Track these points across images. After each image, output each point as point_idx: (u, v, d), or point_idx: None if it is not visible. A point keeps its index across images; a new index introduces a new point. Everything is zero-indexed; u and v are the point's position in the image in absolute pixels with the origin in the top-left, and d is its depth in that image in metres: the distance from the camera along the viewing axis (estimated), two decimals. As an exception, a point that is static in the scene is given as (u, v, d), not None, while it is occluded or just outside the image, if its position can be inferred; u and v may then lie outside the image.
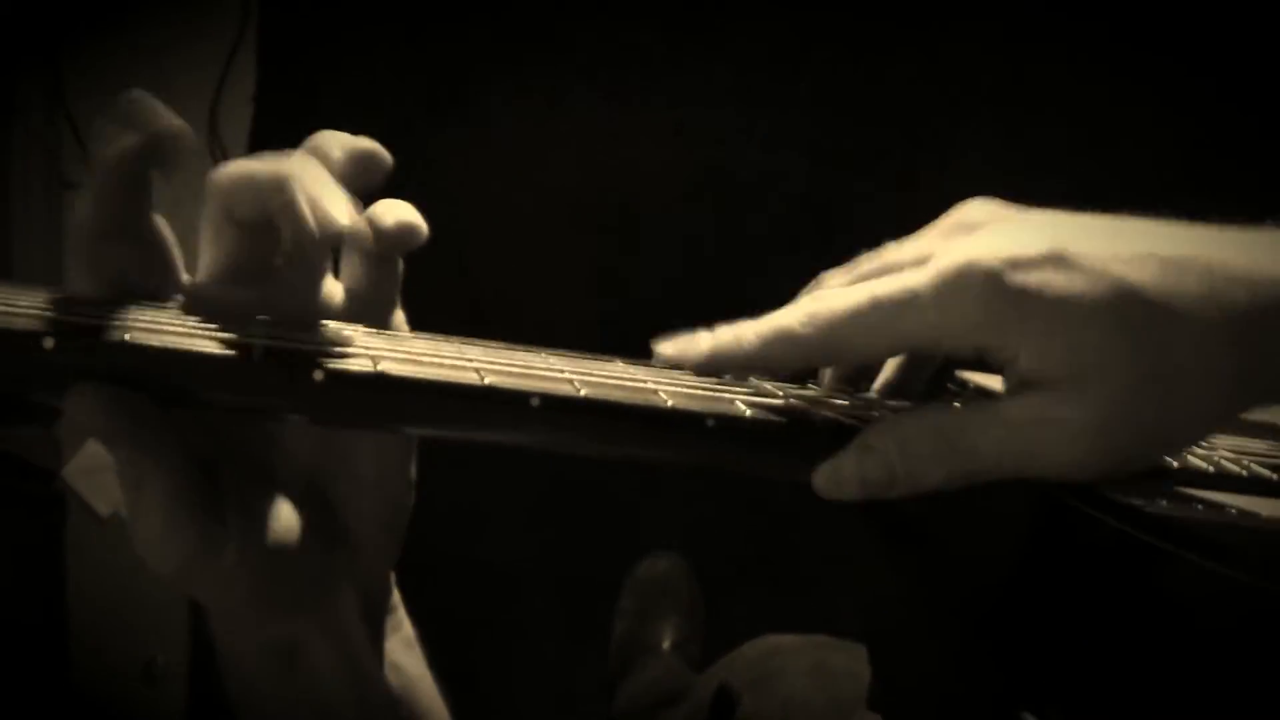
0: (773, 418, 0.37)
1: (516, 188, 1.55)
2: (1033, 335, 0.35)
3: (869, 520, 0.40)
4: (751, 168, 1.56)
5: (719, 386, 0.39)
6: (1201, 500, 0.37)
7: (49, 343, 0.31)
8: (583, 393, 0.35)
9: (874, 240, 0.44)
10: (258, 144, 1.47)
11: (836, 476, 0.37)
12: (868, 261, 0.41)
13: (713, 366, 0.39)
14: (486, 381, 0.34)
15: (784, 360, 0.38)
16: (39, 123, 1.49)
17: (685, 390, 0.37)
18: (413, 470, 0.43)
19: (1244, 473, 0.40)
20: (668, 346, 0.40)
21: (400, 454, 0.42)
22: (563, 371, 0.36)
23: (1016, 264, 0.35)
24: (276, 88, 1.57)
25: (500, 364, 0.36)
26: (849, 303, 0.37)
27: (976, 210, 0.40)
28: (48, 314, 0.32)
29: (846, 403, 0.41)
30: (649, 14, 1.58)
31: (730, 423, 0.37)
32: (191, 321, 0.34)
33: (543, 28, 1.58)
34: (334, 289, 0.40)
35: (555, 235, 1.55)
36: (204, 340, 0.33)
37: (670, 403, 0.36)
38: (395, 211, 0.38)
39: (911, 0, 1.57)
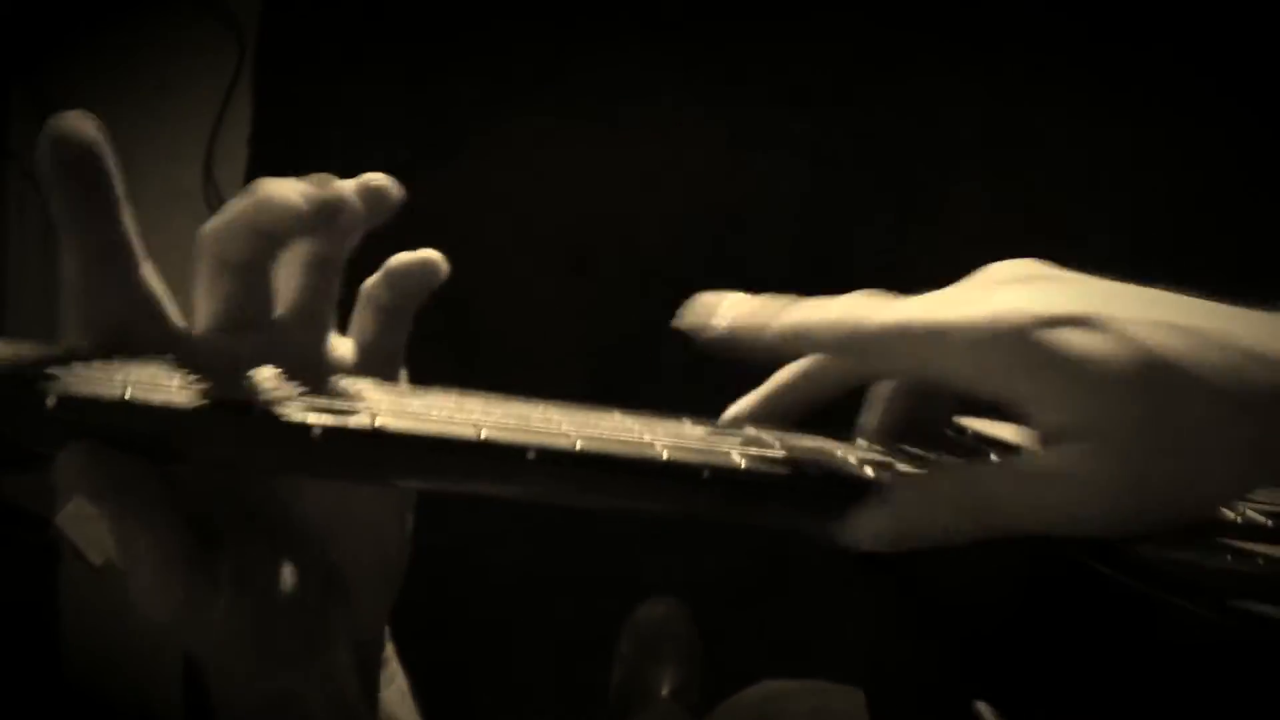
0: (769, 469, 0.37)
1: (509, 230, 1.55)
2: (1057, 392, 0.35)
3: (865, 568, 0.40)
4: (744, 212, 1.57)
5: (717, 437, 0.40)
6: (1230, 549, 0.37)
7: (51, 401, 0.31)
8: (579, 445, 0.35)
9: (876, 272, 0.44)
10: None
11: (859, 528, 0.37)
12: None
13: (726, 345, 0.39)
14: (483, 435, 0.34)
15: (798, 353, 0.40)
16: (33, 166, 1.50)
17: (683, 442, 0.37)
18: (410, 523, 0.43)
19: (1269, 523, 0.40)
20: (689, 315, 0.41)
21: (397, 506, 0.42)
22: (560, 424, 0.37)
23: (1046, 321, 0.35)
24: (272, 132, 1.58)
25: (497, 417, 0.36)
26: (879, 319, 0.37)
27: (1012, 268, 0.40)
28: (47, 370, 0.32)
29: (847, 454, 0.41)
30: (643, 58, 1.59)
31: (726, 474, 0.37)
32: (190, 376, 0.34)
33: (535, 72, 1.59)
34: (341, 344, 0.40)
35: (548, 278, 1.55)
36: (201, 396, 0.33)
37: (666, 455, 0.36)
38: (413, 254, 0.40)
39: (902, 51, 1.58)
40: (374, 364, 0.40)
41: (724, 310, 0.40)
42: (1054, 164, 1.54)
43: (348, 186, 0.37)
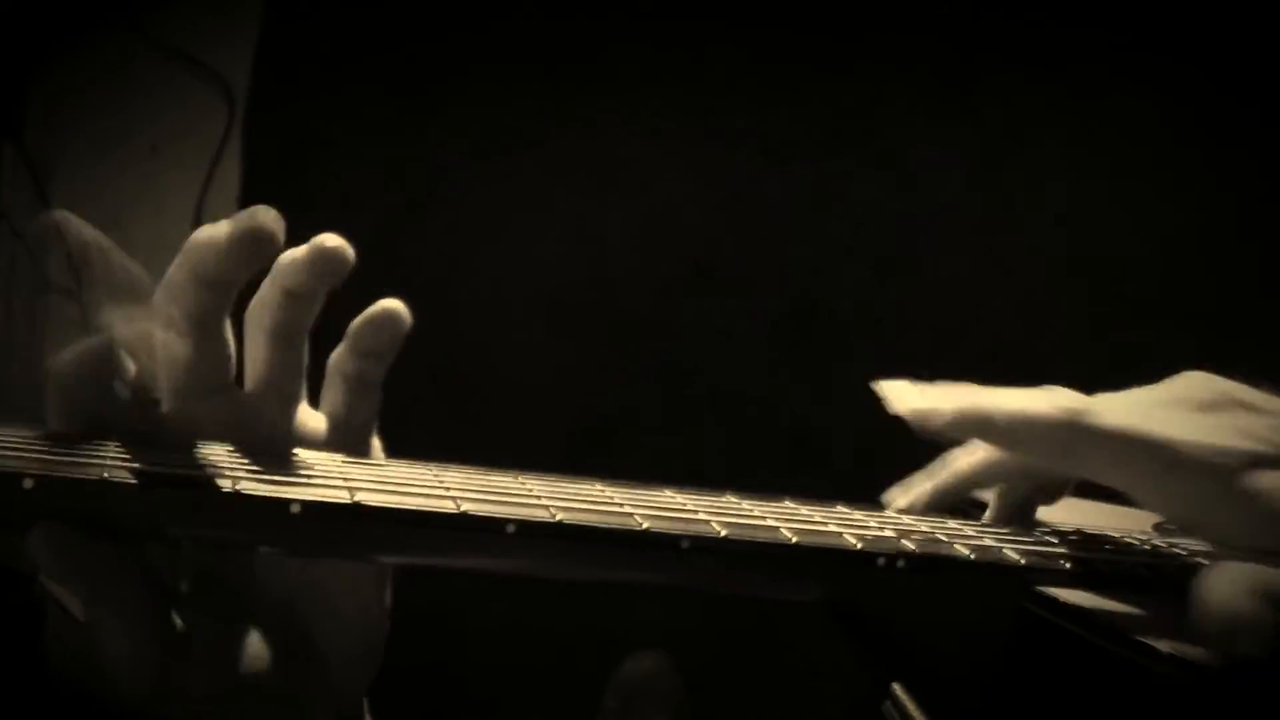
0: (749, 537, 0.38)
1: (493, 286, 1.56)
2: (1241, 531, 0.38)
3: (847, 634, 0.40)
4: (723, 268, 1.58)
5: (698, 507, 0.40)
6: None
7: (29, 484, 0.31)
8: (558, 518, 0.35)
9: (855, 330, 0.45)
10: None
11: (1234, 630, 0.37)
12: None
13: (954, 429, 0.41)
14: (462, 509, 0.34)
15: (1019, 443, 0.41)
16: (23, 226, 1.50)
17: (662, 513, 0.37)
18: (388, 596, 0.42)
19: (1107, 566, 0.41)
20: (910, 404, 0.42)
21: (376, 578, 0.42)
22: (539, 497, 0.37)
23: (1262, 461, 0.38)
24: (261, 190, 1.58)
25: (476, 490, 0.36)
26: (1106, 424, 0.39)
27: (1205, 385, 0.42)
28: (27, 453, 0.32)
29: (865, 525, 0.41)
30: (632, 112, 1.61)
31: (705, 543, 0.37)
32: (167, 453, 0.34)
33: (519, 131, 1.61)
34: (312, 417, 0.40)
35: (535, 335, 1.55)
36: (180, 474, 0.33)
37: (645, 525, 0.36)
38: (371, 309, 0.40)
39: (881, 108, 1.60)
40: (346, 437, 0.40)
41: (943, 400, 0.41)
42: (1034, 221, 1.55)
43: (272, 224, 0.38)
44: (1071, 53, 1.58)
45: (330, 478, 0.35)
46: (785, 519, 0.40)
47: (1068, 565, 0.39)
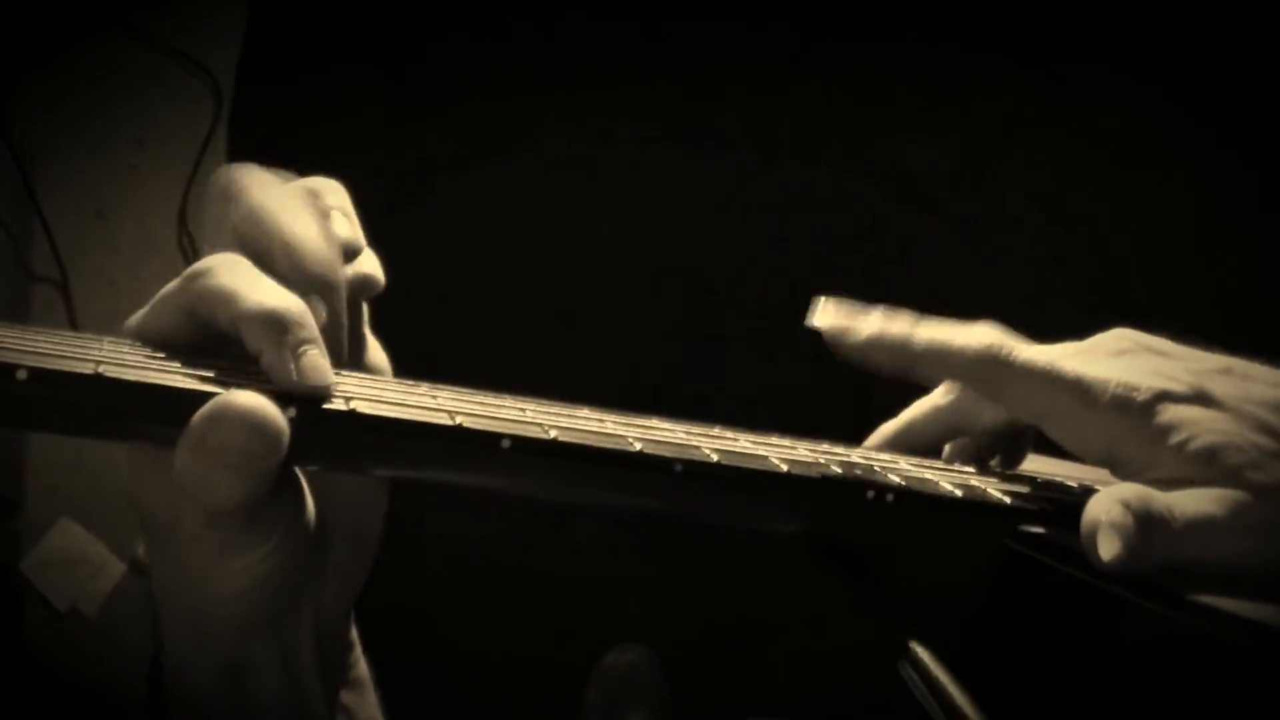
0: (741, 464, 0.38)
1: (481, 279, 1.56)
2: (1168, 462, 0.39)
3: (828, 561, 0.40)
4: (713, 268, 1.58)
5: (691, 435, 0.39)
6: None
7: (22, 374, 0.31)
8: (553, 435, 0.35)
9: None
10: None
11: (1111, 556, 0.38)
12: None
13: (870, 349, 0.42)
14: (458, 422, 0.34)
15: (937, 370, 0.42)
16: (9, 217, 1.50)
17: (654, 437, 0.38)
18: (385, 503, 0.43)
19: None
20: (826, 317, 0.43)
21: (373, 497, 0.42)
22: (534, 417, 0.37)
23: (1171, 397, 0.39)
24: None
25: (471, 407, 0.36)
26: (1029, 358, 0.41)
27: (1120, 340, 0.43)
28: (24, 346, 0.32)
29: (864, 460, 0.42)
30: (622, 111, 1.61)
31: (697, 468, 0.37)
32: (165, 360, 0.34)
33: (508, 124, 1.61)
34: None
35: (523, 333, 1.55)
36: (179, 377, 0.33)
37: (639, 447, 0.36)
38: (360, 264, 0.41)
39: (878, 99, 1.60)
40: (336, 349, 0.39)
41: (867, 320, 0.42)
42: (1024, 219, 1.56)
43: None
44: (1061, 51, 1.58)
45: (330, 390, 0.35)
46: (776, 450, 0.40)
47: (1048, 506, 0.40)
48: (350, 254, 0.39)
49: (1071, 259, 1.53)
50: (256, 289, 0.35)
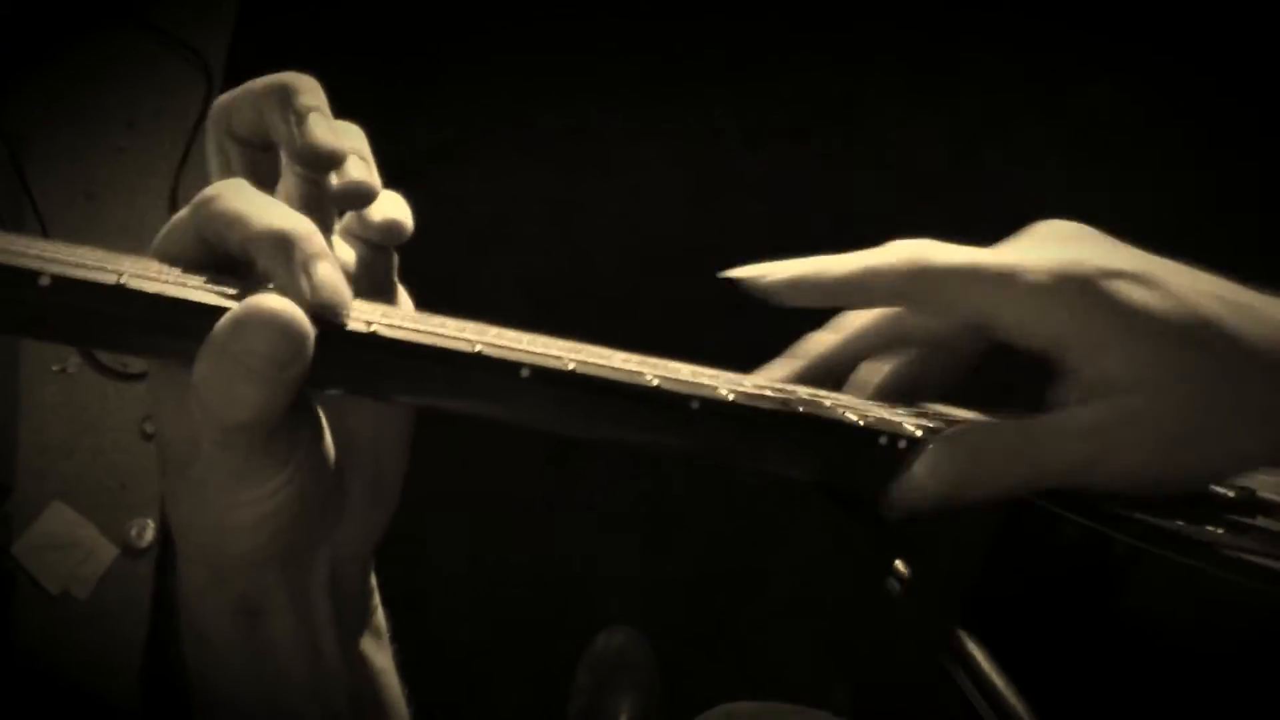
0: (758, 405, 0.38)
1: (472, 269, 1.56)
2: (1115, 340, 0.37)
3: (831, 504, 0.40)
4: (704, 251, 1.58)
5: (705, 376, 0.39)
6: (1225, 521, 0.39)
7: (45, 281, 0.31)
8: (571, 366, 0.35)
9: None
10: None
11: (910, 485, 0.38)
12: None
13: (791, 290, 0.41)
14: (478, 349, 0.35)
15: (869, 294, 0.40)
16: (-1, 200, 1.50)
17: (672, 376, 0.38)
18: (407, 452, 0.42)
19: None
20: (744, 270, 0.41)
21: (398, 426, 0.42)
22: (556, 350, 0.37)
23: (1111, 274, 0.37)
24: (238, 166, 1.58)
25: (494, 338, 0.36)
26: (950, 259, 0.39)
27: (1063, 227, 0.42)
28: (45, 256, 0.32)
29: (853, 403, 0.41)
30: (611, 98, 1.61)
31: (715, 406, 0.37)
32: (187, 276, 0.34)
33: (500, 114, 1.61)
34: (345, 250, 0.41)
35: (515, 318, 1.55)
36: (201, 292, 0.33)
37: (656, 383, 0.36)
38: (384, 208, 0.40)
39: (867, 85, 1.61)
40: (365, 294, 0.39)
41: (783, 263, 0.41)
42: (1014, 203, 1.56)
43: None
44: (1051, 37, 1.59)
45: (351, 312, 0.35)
46: (791, 395, 0.40)
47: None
48: (330, 160, 0.39)
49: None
50: (265, 211, 0.34)
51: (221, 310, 0.32)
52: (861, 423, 0.39)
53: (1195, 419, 0.36)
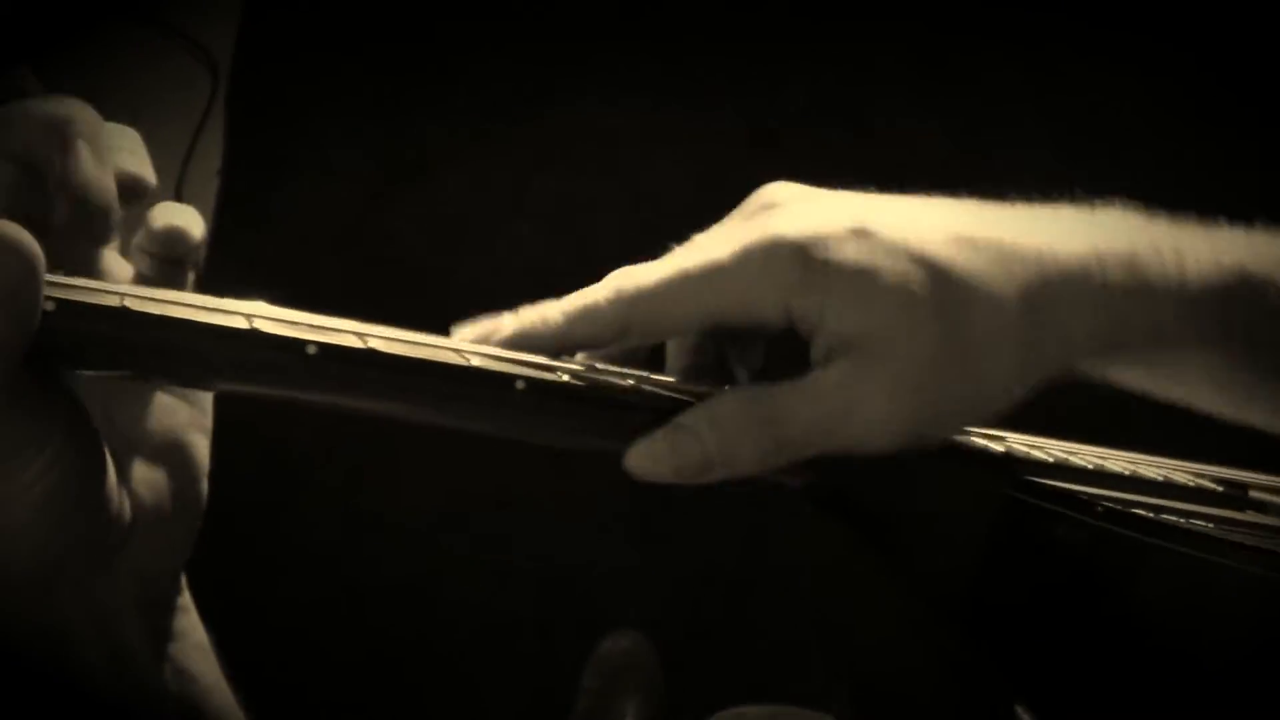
0: (583, 385, 0.36)
1: (477, 261, 1.55)
2: (835, 304, 0.36)
3: (825, 511, 0.40)
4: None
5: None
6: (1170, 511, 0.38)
7: (50, 306, 0.30)
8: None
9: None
10: (223, 218, 1.48)
11: (650, 456, 0.37)
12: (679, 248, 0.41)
13: (518, 347, 0.39)
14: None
15: (591, 337, 0.39)
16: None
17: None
18: (208, 457, 0.39)
19: (1089, 465, 0.40)
20: (469, 329, 0.40)
21: (192, 424, 0.39)
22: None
23: (820, 237, 0.37)
24: (243, 162, 1.58)
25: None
26: (655, 276, 0.39)
27: (777, 191, 0.42)
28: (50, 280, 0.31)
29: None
30: (615, 92, 1.60)
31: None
32: (182, 295, 0.33)
33: (504, 109, 1.60)
34: (120, 266, 0.38)
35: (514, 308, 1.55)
36: (197, 313, 0.32)
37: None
38: (168, 215, 0.38)
39: (871, 78, 1.60)
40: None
41: (505, 319, 0.41)
42: (1018, 196, 1.56)
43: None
44: (1053, 28, 1.58)
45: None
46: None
47: (1050, 459, 0.38)
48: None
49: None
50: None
51: (224, 330, 0.32)
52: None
53: (930, 361, 0.36)
